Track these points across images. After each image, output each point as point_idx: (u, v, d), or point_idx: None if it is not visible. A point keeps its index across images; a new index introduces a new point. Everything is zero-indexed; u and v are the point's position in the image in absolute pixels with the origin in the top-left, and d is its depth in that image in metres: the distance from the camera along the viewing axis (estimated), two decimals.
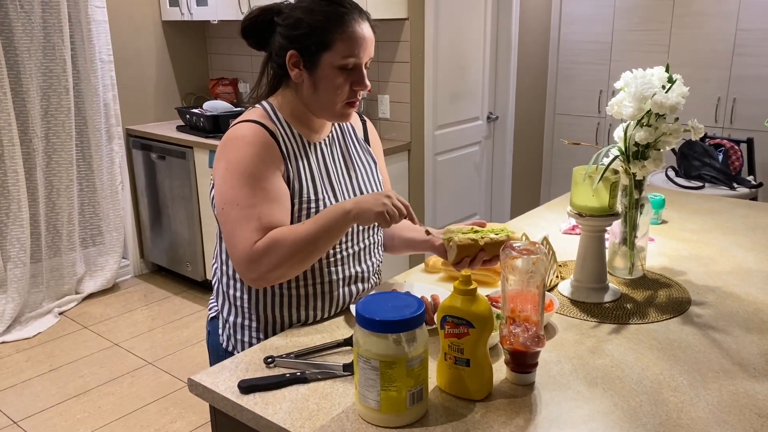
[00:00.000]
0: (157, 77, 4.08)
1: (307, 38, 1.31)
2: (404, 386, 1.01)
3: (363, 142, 1.55)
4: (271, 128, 1.34)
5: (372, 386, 1.01)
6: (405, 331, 1.00)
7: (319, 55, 1.32)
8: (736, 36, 3.92)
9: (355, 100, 1.37)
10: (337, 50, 1.31)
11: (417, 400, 1.03)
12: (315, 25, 1.30)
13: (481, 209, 4.34)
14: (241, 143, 1.30)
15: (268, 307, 1.40)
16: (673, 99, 1.41)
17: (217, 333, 1.49)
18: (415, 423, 1.04)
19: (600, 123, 4.61)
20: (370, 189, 1.50)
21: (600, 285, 1.49)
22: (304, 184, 1.36)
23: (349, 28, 1.31)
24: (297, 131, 1.39)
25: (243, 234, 1.26)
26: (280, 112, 1.39)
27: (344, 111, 1.38)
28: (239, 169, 1.28)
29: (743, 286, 1.57)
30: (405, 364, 1.00)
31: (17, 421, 2.63)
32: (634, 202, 1.54)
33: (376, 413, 1.03)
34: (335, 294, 1.42)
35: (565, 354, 1.25)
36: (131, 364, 3.06)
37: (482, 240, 1.33)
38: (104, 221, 3.86)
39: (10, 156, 3.34)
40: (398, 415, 1.03)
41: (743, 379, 1.16)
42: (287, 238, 1.25)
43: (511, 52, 4.20)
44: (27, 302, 3.52)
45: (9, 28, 3.32)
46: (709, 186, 3.40)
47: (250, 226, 1.26)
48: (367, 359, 1.00)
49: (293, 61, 1.34)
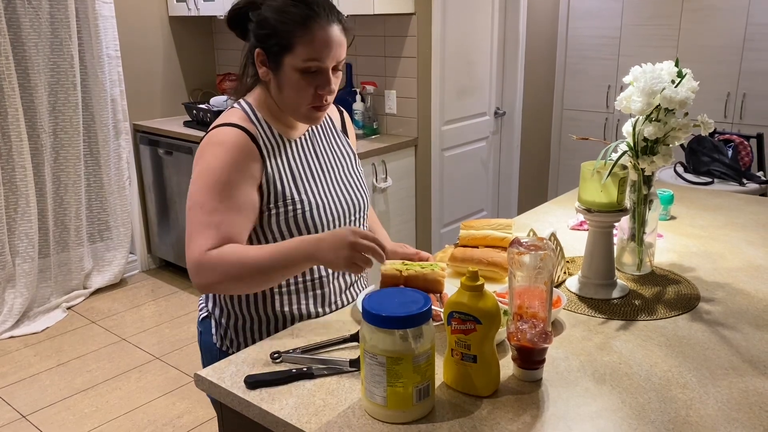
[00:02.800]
0: (164, 73, 4.09)
1: (269, 38, 1.30)
2: (411, 382, 1.01)
3: (341, 133, 1.55)
4: (251, 131, 1.33)
5: (378, 382, 1.01)
6: (411, 327, 0.99)
7: (281, 57, 1.31)
8: (746, 30, 3.89)
9: (321, 104, 1.35)
10: (298, 53, 1.29)
11: (423, 396, 1.03)
12: (277, 26, 1.29)
13: (488, 205, 4.33)
14: (219, 150, 1.29)
15: (258, 306, 1.41)
16: (682, 94, 1.40)
17: (209, 333, 1.49)
18: (421, 419, 1.04)
19: (608, 118, 4.59)
20: (350, 183, 1.49)
21: (608, 281, 1.48)
22: (285, 184, 1.36)
23: (312, 32, 1.28)
24: (276, 130, 1.39)
25: (199, 239, 1.26)
26: (259, 111, 1.38)
27: (310, 114, 1.36)
28: (212, 176, 1.28)
29: (753, 282, 1.56)
30: (411, 360, 1.00)
31: (26, 415, 2.65)
32: (642, 198, 1.53)
33: (382, 409, 1.03)
34: (325, 290, 1.43)
35: (572, 350, 1.25)
36: (139, 358, 3.08)
37: (406, 272, 1.40)
38: (112, 216, 3.87)
39: (18, 151, 3.36)
40: (404, 411, 1.02)
41: (753, 377, 1.15)
42: (238, 257, 1.24)
43: (518, 47, 4.18)
44: (35, 297, 3.54)
45: (17, 23, 3.33)
46: (718, 182, 3.38)
47: (207, 233, 1.26)
48: (373, 355, 1.00)
49: (260, 59, 1.34)
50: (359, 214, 1.51)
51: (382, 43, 3.54)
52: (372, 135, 3.58)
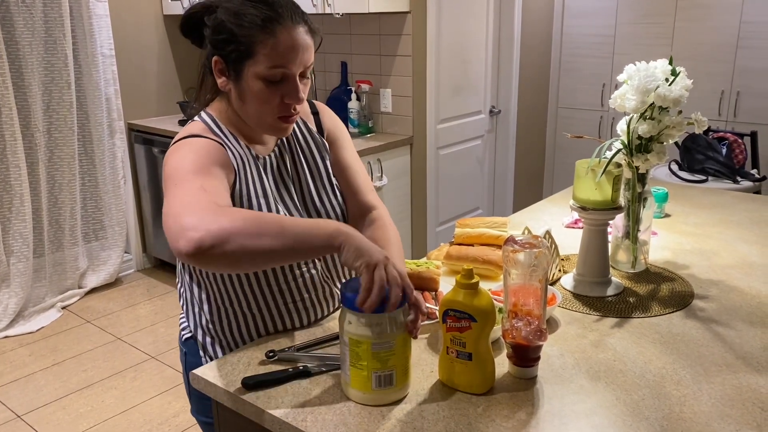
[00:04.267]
0: (159, 72, 4.08)
1: (227, 45, 1.18)
2: (370, 367, 1.05)
3: (317, 135, 1.40)
4: (216, 140, 1.21)
5: (344, 360, 1.08)
6: (372, 314, 1.03)
7: (241, 65, 1.18)
8: (740, 28, 3.90)
9: (289, 114, 1.22)
10: (261, 60, 1.16)
11: (385, 383, 1.07)
12: (235, 30, 1.16)
13: (483, 203, 4.34)
14: (185, 150, 1.16)
15: (241, 328, 1.32)
16: (676, 92, 1.40)
17: (197, 354, 1.37)
18: (419, 418, 1.04)
19: (603, 116, 4.60)
20: (326, 195, 1.37)
21: (603, 279, 1.49)
22: (255, 200, 1.24)
23: (275, 36, 1.15)
24: (243, 143, 1.26)
25: (185, 199, 1.04)
26: (222, 123, 1.26)
27: (278, 125, 1.23)
28: (182, 170, 1.12)
29: (747, 279, 1.56)
30: (371, 346, 1.04)
31: (21, 414, 2.64)
32: (637, 196, 1.53)
33: (347, 386, 1.10)
34: (309, 311, 1.35)
35: (567, 348, 1.25)
36: (134, 358, 3.07)
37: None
38: (106, 216, 3.86)
39: (13, 151, 3.34)
40: (365, 394, 1.07)
41: (746, 373, 1.16)
42: (250, 210, 1.06)
43: (513, 45, 4.18)
44: (30, 297, 3.53)
45: (10, 22, 3.31)
46: (712, 179, 3.39)
47: (195, 193, 1.06)
48: (342, 335, 1.07)
49: (218, 68, 1.22)
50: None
51: (378, 42, 3.54)
52: (367, 134, 3.58)
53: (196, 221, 0.99)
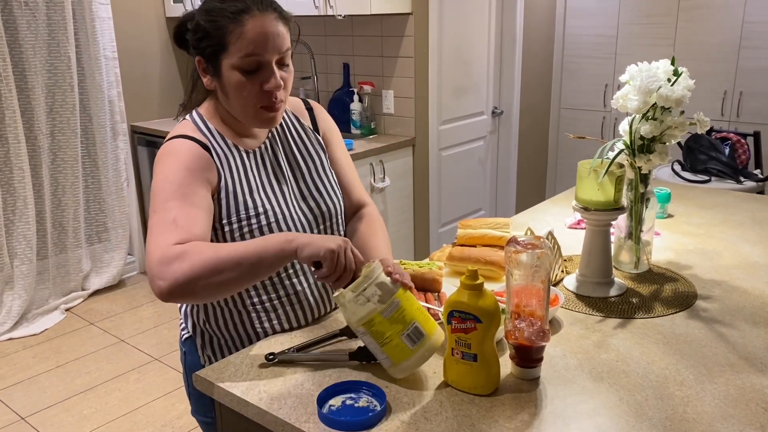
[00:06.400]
0: (162, 74, 4.09)
1: (203, 42, 1.23)
2: (395, 332, 1.09)
3: (312, 131, 1.44)
4: (202, 141, 1.27)
5: (374, 347, 1.11)
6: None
7: (218, 59, 1.23)
8: (742, 28, 3.90)
9: (271, 103, 1.25)
10: (233, 51, 1.21)
11: (417, 337, 1.10)
12: (208, 27, 1.22)
13: (486, 204, 4.34)
14: (170, 158, 1.23)
15: (237, 325, 1.35)
16: (678, 92, 1.40)
17: (195, 354, 1.41)
18: (421, 418, 1.04)
19: (605, 117, 4.60)
20: (319, 189, 1.40)
21: (605, 279, 1.49)
22: (240, 196, 1.28)
23: (243, 25, 1.20)
24: (230, 140, 1.31)
25: (158, 238, 1.13)
26: (210, 121, 1.31)
27: (262, 116, 1.27)
28: (165, 182, 1.20)
29: (750, 280, 1.56)
30: (381, 315, 1.09)
31: (24, 416, 2.65)
32: (639, 196, 1.53)
33: (392, 367, 1.11)
34: (304, 304, 1.37)
35: (570, 349, 1.25)
36: (137, 360, 3.08)
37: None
38: (110, 218, 3.87)
39: (16, 153, 3.35)
40: (409, 359, 1.10)
41: (750, 373, 1.16)
42: (208, 248, 1.12)
43: (515, 46, 4.18)
44: (33, 299, 3.53)
45: (14, 25, 3.32)
46: (715, 180, 3.38)
47: (166, 229, 1.14)
48: (355, 329, 1.11)
49: (202, 67, 1.27)
50: (330, 221, 1.41)
51: (380, 43, 3.54)
52: (369, 135, 3.58)
53: (163, 270, 1.09)
